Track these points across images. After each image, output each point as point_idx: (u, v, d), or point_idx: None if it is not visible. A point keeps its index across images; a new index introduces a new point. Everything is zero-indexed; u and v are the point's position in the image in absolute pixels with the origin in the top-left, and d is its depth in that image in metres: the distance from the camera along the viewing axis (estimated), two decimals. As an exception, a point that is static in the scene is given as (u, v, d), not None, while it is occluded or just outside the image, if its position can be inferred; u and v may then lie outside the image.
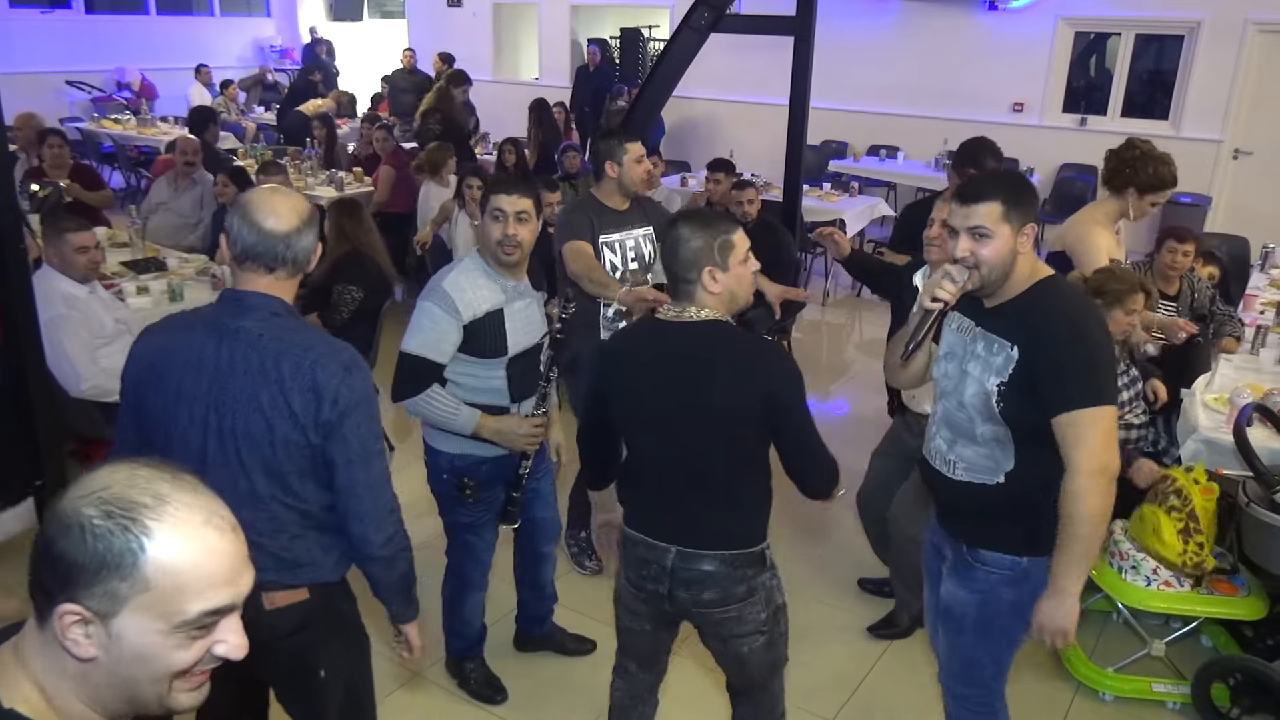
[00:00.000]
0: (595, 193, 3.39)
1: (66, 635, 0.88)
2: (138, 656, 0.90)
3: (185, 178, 5.88)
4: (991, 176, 2.15)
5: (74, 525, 0.87)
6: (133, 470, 0.91)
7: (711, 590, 2.06)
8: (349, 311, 4.39)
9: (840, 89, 9.01)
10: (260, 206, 1.77)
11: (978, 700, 2.28)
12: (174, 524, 0.89)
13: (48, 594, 0.88)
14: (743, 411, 1.97)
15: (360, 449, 1.78)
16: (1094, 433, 1.93)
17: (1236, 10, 7.86)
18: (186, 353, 1.78)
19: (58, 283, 3.65)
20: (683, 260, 1.98)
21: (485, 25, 12.51)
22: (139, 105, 10.55)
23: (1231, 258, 5.81)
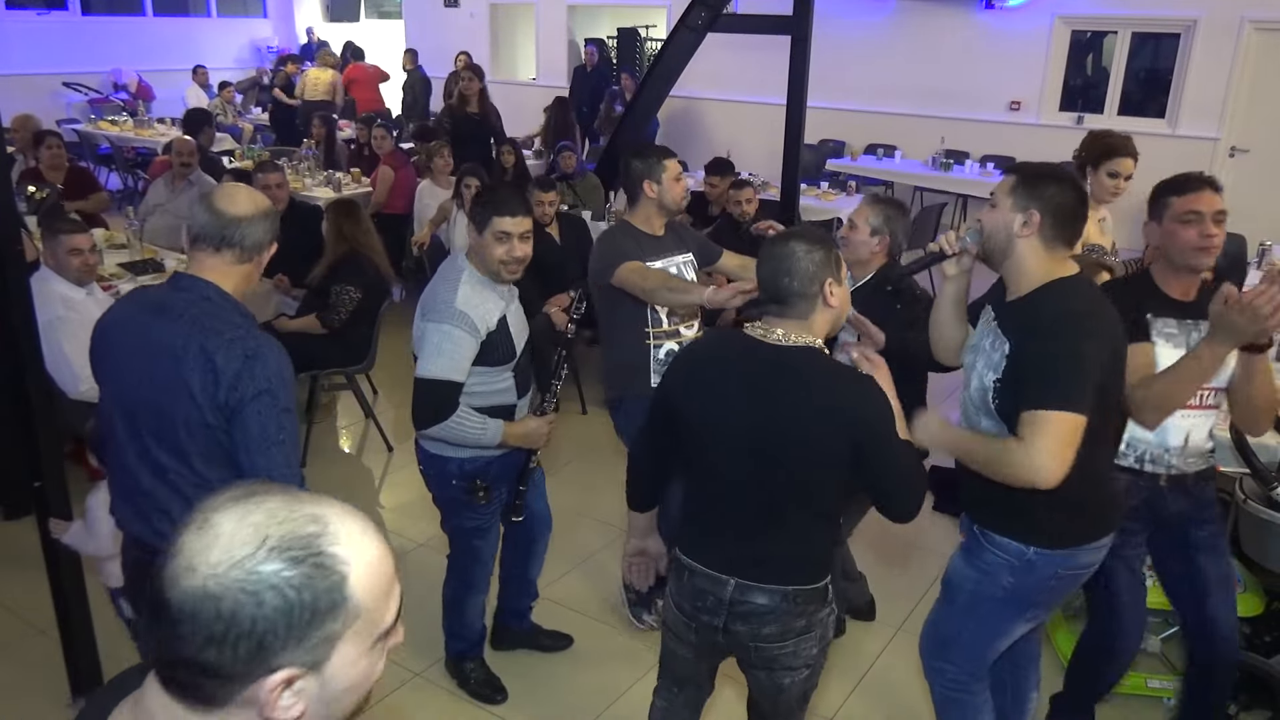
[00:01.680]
0: (630, 219, 3.10)
1: (275, 706, 0.79)
2: (348, 689, 0.84)
3: (181, 179, 5.88)
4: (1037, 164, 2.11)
5: (256, 594, 0.76)
6: (249, 505, 0.80)
7: (772, 625, 1.96)
8: (347, 311, 4.40)
9: (837, 88, 9.01)
10: (220, 193, 1.92)
11: (951, 678, 2.30)
12: (348, 541, 0.81)
13: (222, 678, 0.78)
14: (828, 446, 1.86)
15: (260, 435, 1.82)
16: (1047, 433, 1.87)
17: (1233, 8, 7.87)
18: (122, 331, 1.92)
19: (55, 284, 3.65)
20: (804, 274, 1.87)
21: (482, 25, 12.51)
22: (136, 107, 10.54)
23: (1228, 255, 5.81)
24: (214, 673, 0.77)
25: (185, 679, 0.79)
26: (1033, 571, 2.10)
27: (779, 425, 1.86)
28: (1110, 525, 2.15)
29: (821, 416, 1.85)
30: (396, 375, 5.24)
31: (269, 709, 0.79)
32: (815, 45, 4.18)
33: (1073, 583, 2.20)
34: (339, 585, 0.79)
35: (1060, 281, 2.00)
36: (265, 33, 13.61)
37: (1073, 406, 1.87)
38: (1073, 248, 2.03)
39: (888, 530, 3.77)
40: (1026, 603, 2.17)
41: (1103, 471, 2.15)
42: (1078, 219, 1.99)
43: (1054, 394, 1.88)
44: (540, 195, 4.99)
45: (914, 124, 9.38)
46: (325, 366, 4.58)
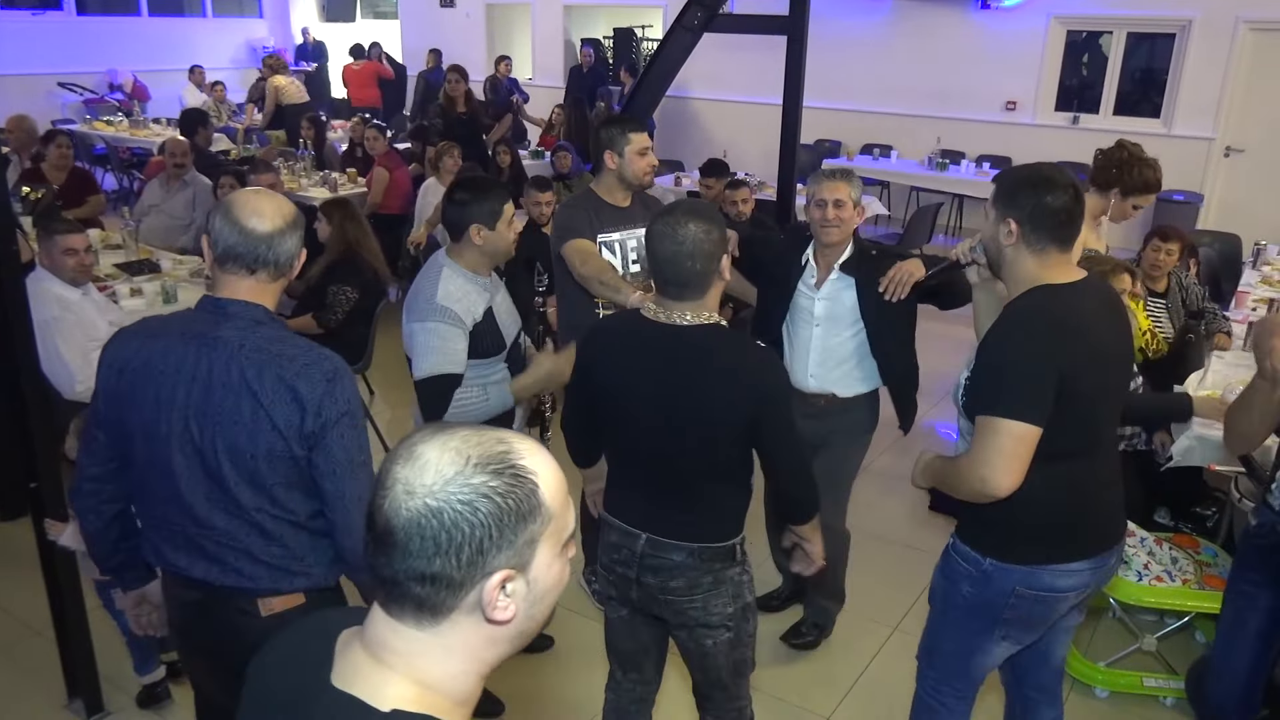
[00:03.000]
0: (594, 188, 3.16)
1: (495, 605, 0.89)
2: (547, 590, 0.94)
3: (176, 179, 5.87)
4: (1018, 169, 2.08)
5: (470, 502, 0.86)
6: (442, 436, 0.90)
7: (678, 579, 2.07)
8: (344, 312, 4.40)
9: (834, 88, 9.02)
10: (244, 206, 1.73)
11: (932, 683, 2.28)
12: (530, 455, 0.91)
13: (449, 587, 0.88)
14: (728, 418, 1.97)
15: (345, 460, 1.73)
16: (988, 440, 1.85)
17: (1228, 9, 7.90)
18: (163, 362, 1.72)
19: (50, 285, 3.64)
20: (705, 255, 1.92)
21: (478, 25, 12.51)
22: (131, 107, 10.52)
23: (1223, 255, 5.84)
24: (444, 581, 0.88)
25: (419, 593, 0.89)
26: (989, 584, 2.04)
27: (686, 402, 1.96)
28: (1086, 551, 2.02)
29: (725, 391, 1.96)
30: (393, 376, 5.23)
31: (490, 609, 0.89)
32: (811, 45, 4.17)
33: (1040, 605, 2.05)
34: (534, 491, 0.90)
35: (1041, 287, 1.93)
36: (261, 33, 13.60)
37: (1020, 415, 1.83)
38: (1066, 249, 1.96)
39: (885, 530, 3.78)
40: (991, 618, 2.08)
41: (1085, 490, 2.01)
42: (1061, 222, 1.91)
43: (1001, 400, 1.85)
44: (537, 195, 4.99)
45: (910, 124, 9.39)
46: (322, 367, 4.57)
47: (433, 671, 0.92)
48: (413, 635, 0.91)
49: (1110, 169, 3.30)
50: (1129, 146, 3.36)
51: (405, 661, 0.91)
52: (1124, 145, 3.37)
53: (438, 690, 0.92)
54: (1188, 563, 3.07)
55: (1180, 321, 4.11)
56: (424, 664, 0.92)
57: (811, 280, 2.92)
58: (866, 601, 3.51)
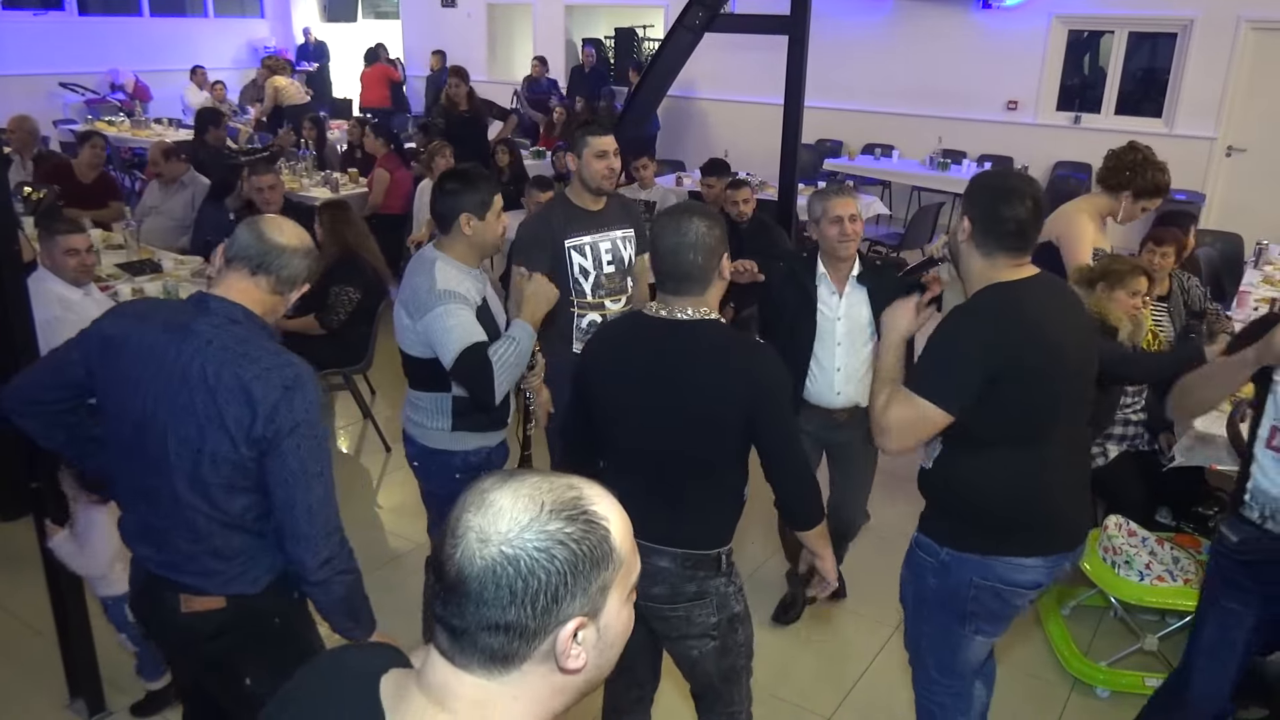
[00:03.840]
0: (567, 192, 3.22)
1: (569, 654, 0.88)
2: (617, 637, 0.94)
3: (172, 181, 5.90)
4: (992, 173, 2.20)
5: (547, 550, 0.86)
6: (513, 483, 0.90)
7: (661, 586, 2.05)
8: (345, 312, 4.40)
9: (835, 88, 9.02)
10: (270, 221, 1.86)
11: (924, 683, 2.31)
12: (600, 501, 0.92)
13: (523, 636, 0.87)
14: (725, 414, 1.96)
15: (300, 469, 1.74)
16: (900, 408, 1.96)
17: (1229, 8, 7.89)
18: (139, 344, 1.77)
19: (52, 285, 3.64)
20: (707, 251, 1.94)
21: (479, 25, 12.51)
22: (133, 107, 10.52)
23: (1224, 255, 5.84)
24: (518, 630, 0.86)
25: (491, 643, 0.87)
26: (949, 574, 2.10)
27: (681, 400, 1.96)
28: (1040, 547, 2.05)
29: (721, 387, 1.95)
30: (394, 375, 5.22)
31: (564, 658, 0.88)
32: (813, 45, 4.17)
33: (998, 598, 2.08)
34: (606, 537, 0.89)
35: (991, 285, 1.98)
36: (262, 33, 13.60)
37: (933, 397, 1.93)
38: (1015, 257, 1.98)
39: (887, 530, 3.78)
40: (958, 612, 2.11)
41: (1028, 484, 2.02)
42: (1010, 232, 1.94)
43: (924, 381, 1.96)
44: (539, 195, 4.98)
45: (911, 124, 9.39)
46: (323, 367, 4.58)
47: (498, 718, 0.90)
48: (480, 684, 0.89)
49: (1124, 171, 3.32)
50: (1142, 149, 3.37)
51: (471, 710, 0.89)
52: (1137, 147, 3.38)
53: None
54: (1189, 563, 3.06)
55: (1182, 322, 4.10)
56: (491, 713, 0.90)
57: (832, 297, 3.00)
58: (868, 602, 3.50)
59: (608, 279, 3.19)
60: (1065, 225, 3.47)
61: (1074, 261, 3.37)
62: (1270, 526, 2.14)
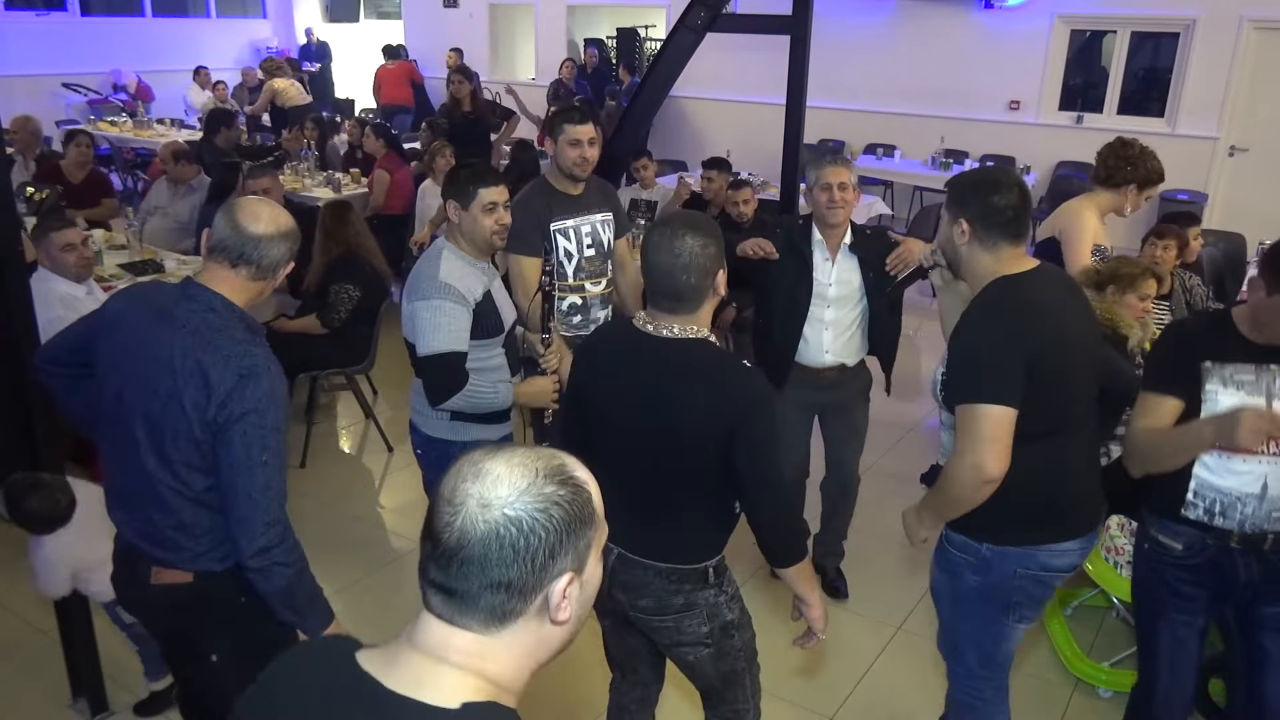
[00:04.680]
0: (548, 176, 3.28)
1: (561, 607, 0.96)
2: (594, 592, 1.03)
3: (181, 183, 5.89)
4: (967, 174, 2.22)
5: (545, 510, 0.94)
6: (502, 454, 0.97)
7: (647, 598, 2.04)
8: (347, 311, 4.41)
9: (837, 88, 9.01)
10: (244, 208, 1.88)
11: (964, 679, 2.31)
12: (579, 468, 1.01)
13: (522, 593, 0.95)
14: (704, 432, 1.91)
15: (244, 456, 1.78)
16: (971, 428, 1.94)
17: (1232, 7, 7.88)
18: (128, 325, 1.88)
19: (54, 284, 3.65)
20: (701, 270, 1.89)
21: (482, 25, 12.52)
22: (135, 107, 10.54)
23: (1227, 255, 5.83)
24: (519, 588, 0.94)
25: (492, 601, 0.95)
26: (991, 569, 2.10)
27: (668, 416, 1.93)
28: (1075, 530, 2.10)
29: (706, 408, 1.90)
30: (396, 375, 5.23)
31: (556, 611, 0.96)
32: (814, 45, 4.17)
33: (1040, 584, 2.13)
34: (589, 500, 0.99)
35: (1001, 279, 2.03)
36: (264, 33, 13.61)
37: (997, 399, 1.92)
38: (1017, 243, 2.05)
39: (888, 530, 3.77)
40: (1003, 603, 2.14)
41: (1060, 471, 2.07)
42: (1009, 219, 2.02)
43: (975, 387, 1.95)
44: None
45: (913, 124, 9.38)
46: (325, 367, 4.58)
47: (492, 668, 0.97)
48: (477, 639, 0.97)
49: (1125, 166, 3.42)
50: (1133, 142, 3.47)
51: (469, 659, 0.96)
52: (1129, 142, 3.49)
53: (497, 683, 0.98)
54: (1192, 563, 3.05)
55: (1184, 322, 4.10)
56: (485, 664, 0.97)
57: (825, 263, 3.12)
58: (869, 602, 3.50)
59: (588, 262, 3.28)
60: (1070, 220, 3.52)
61: (1074, 257, 3.42)
62: (1219, 523, 2.10)
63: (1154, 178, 3.43)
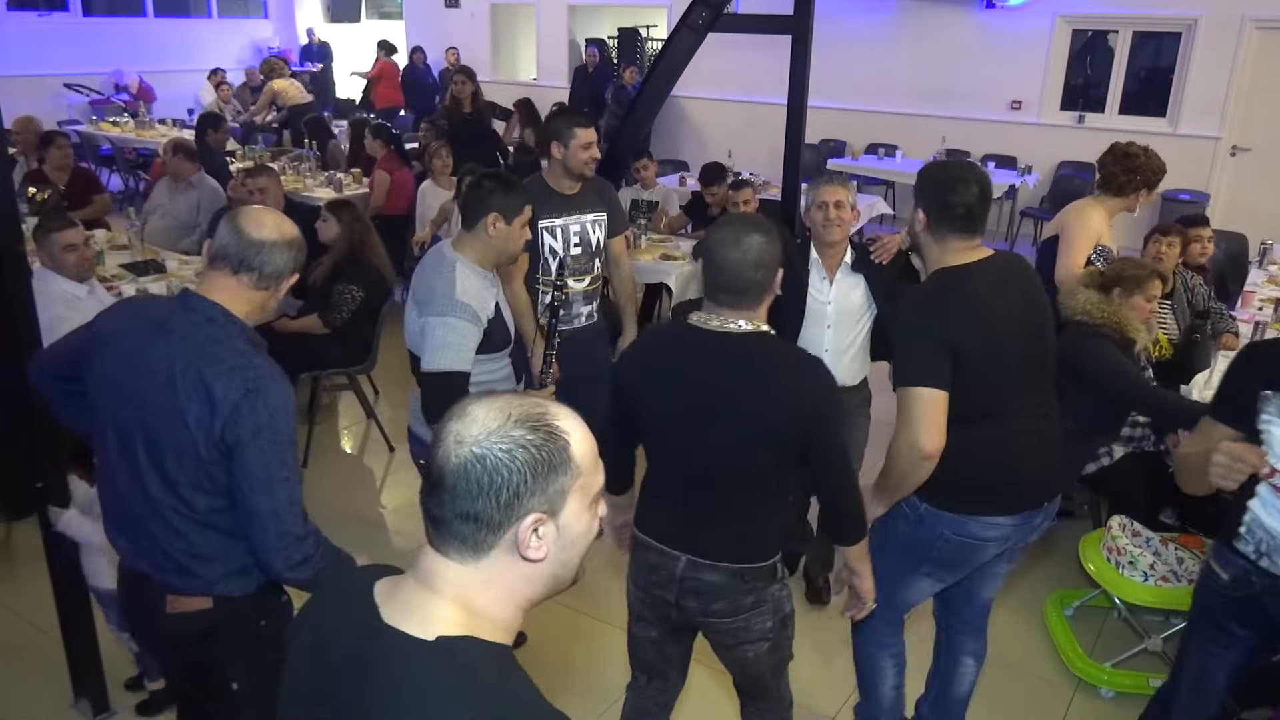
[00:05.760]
0: (544, 175, 3.34)
1: (529, 544, 1.01)
2: (577, 537, 1.06)
3: (180, 180, 5.88)
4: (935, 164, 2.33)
5: (510, 451, 0.99)
6: (491, 399, 1.03)
7: (720, 601, 2.03)
8: (349, 311, 4.41)
9: (838, 88, 9.01)
10: (248, 215, 1.82)
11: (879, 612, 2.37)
12: (564, 419, 1.04)
13: (489, 525, 1.01)
14: (781, 426, 1.92)
15: (262, 475, 1.71)
16: (906, 409, 2.06)
17: (1234, 7, 7.87)
18: (123, 340, 1.79)
19: (55, 284, 3.65)
20: (766, 263, 1.93)
21: (483, 25, 12.52)
22: (137, 108, 10.55)
23: (1229, 254, 5.83)
24: (485, 520, 1.00)
25: (462, 531, 1.01)
26: (923, 524, 2.24)
27: (736, 411, 1.93)
28: (1011, 508, 2.21)
29: (779, 401, 1.92)
30: (398, 376, 5.23)
31: (523, 547, 1.01)
32: (816, 45, 4.16)
33: (966, 550, 2.25)
34: (564, 448, 1.02)
35: (938, 271, 2.15)
36: (266, 33, 13.62)
37: (925, 381, 2.04)
38: (968, 238, 2.14)
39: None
40: (920, 557, 2.29)
41: (1002, 453, 2.17)
42: (959, 216, 2.10)
43: (908, 371, 2.07)
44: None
45: (915, 123, 9.38)
46: (326, 367, 4.59)
47: (477, 599, 1.03)
48: (458, 568, 1.03)
49: (1134, 176, 3.47)
50: (1136, 146, 3.52)
51: (454, 589, 1.03)
52: (1134, 146, 3.54)
53: (481, 615, 1.03)
54: (1194, 563, 3.06)
55: (1186, 322, 4.10)
56: (469, 591, 1.03)
57: (823, 282, 3.07)
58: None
59: (573, 260, 3.36)
60: (1073, 219, 3.54)
61: (1068, 258, 3.44)
62: (1265, 564, 1.98)
63: (1157, 176, 3.47)
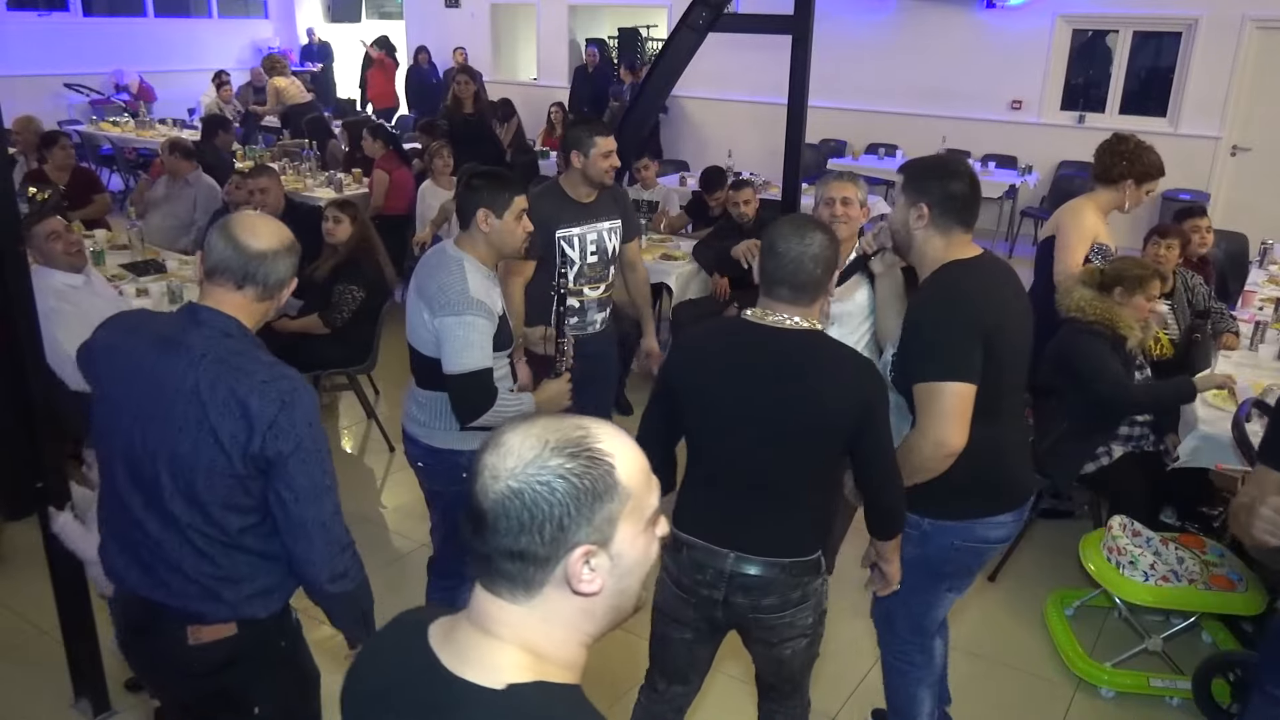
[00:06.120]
0: (561, 182, 3.33)
1: (580, 578, 0.95)
2: (634, 564, 1.00)
3: (178, 177, 5.88)
4: (923, 159, 2.31)
5: (548, 482, 0.93)
6: (525, 425, 0.97)
7: (771, 596, 2.03)
8: (350, 311, 4.41)
9: (839, 88, 9.01)
10: (242, 224, 1.75)
11: (894, 645, 2.41)
12: (608, 439, 0.97)
13: (536, 562, 0.94)
14: (836, 423, 1.94)
15: (309, 486, 1.68)
16: (935, 406, 2.04)
17: (1234, 7, 7.87)
18: (128, 359, 1.72)
19: (49, 278, 3.65)
20: (827, 264, 1.96)
21: (483, 25, 12.52)
22: (137, 108, 10.55)
23: (1229, 254, 5.83)
24: (530, 557, 0.94)
25: (509, 570, 0.95)
26: (930, 541, 2.23)
27: (791, 407, 1.93)
28: (1010, 503, 2.23)
29: (835, 397, 1.93)
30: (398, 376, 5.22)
31: (575, 581, 0.95)
32: (816, 45, 4.16)
33: (977, 555, 2.27)
34: (609, 472, 0.95)
35: (954, 263, 2.13)
36: (266, 33, 13.61)
37: (957, 376, 2.02)
38: (969, 230, 2.16)
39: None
40: (936, 573, 2.28)
41: (998, 450, 2.18)
42: (963, 205, 2.13)
43: (938, 366, 2.04)
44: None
45: (915, 123, 9.37)
46: (327, 367, 4.59)
47: (537, 640, 0.98)
48: (512, 609, 0.97)
49: (1120, 161, 3.42)
50: (1129, 137, 3.48)
51: (513, 632, 0.97)
52: (1124, 137, 3.51)
53: (546, 658, 0.98)
54: (1194, 563, 3.06)
55: (1187, 322, 4.10)
56: (529, 635, 0.98)
57: None
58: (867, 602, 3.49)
59: (590, 268, 3.35)
60: (1067, 219, 3.53)
61: (1067, 256, 3.43)
62: None
63: (1152, 171, 3.41)
